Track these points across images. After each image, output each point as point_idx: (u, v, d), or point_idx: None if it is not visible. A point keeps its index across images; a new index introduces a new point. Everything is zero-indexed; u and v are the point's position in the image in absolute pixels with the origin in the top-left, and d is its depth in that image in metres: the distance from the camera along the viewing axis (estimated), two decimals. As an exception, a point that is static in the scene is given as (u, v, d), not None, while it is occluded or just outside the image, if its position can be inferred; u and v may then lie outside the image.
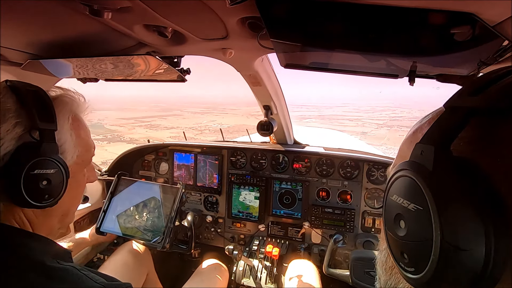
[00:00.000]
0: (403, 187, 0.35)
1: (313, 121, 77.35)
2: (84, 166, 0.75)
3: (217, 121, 73.40)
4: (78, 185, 0.74)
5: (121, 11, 0.68)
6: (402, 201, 0.34)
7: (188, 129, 52.32)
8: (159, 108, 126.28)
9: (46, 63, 0.95)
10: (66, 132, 0.66)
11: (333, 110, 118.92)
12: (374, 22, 0.61)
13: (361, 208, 1.81)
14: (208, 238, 2.10)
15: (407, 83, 0.87)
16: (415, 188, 0.32)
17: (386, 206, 0.38)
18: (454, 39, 0.59)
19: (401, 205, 0.34)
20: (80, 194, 0.77)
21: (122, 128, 55.74)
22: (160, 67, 0.98)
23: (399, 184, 0.36)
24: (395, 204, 0.35)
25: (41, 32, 0.81)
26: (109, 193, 1.53)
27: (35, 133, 0.59)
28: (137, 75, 1.12)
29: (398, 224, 0.35)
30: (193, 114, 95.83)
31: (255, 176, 1.94)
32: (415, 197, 0.32)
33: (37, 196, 0.59)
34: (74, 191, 0.71)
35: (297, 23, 0.68)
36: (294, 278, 1.55)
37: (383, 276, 0.43)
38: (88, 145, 0.74)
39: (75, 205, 0.76)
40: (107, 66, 0.98)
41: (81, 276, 0.58)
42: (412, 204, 0.33)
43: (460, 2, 0.49)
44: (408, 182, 0.34)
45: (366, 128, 57.15)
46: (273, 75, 1.46)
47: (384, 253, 0.44)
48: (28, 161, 0.57)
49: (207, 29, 0.84)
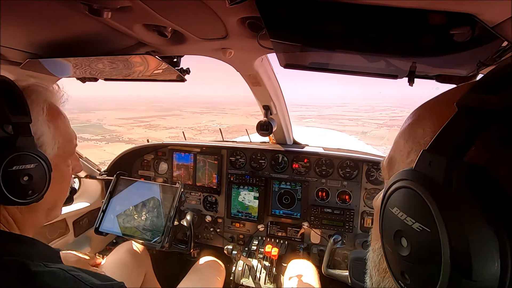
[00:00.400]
0: (407, 201, 0.31)
1: (312, 121, 77.17)
2: (67, 157, 0.72)
3: (217, 121, 73.36)
4: (62, 177, 0.71)
5: (120, 11, 0.68)
6: (404, 217, 0.30)
7: (187, 129, 52.26)
8: (158, 108, 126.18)
9: (45, 63, 0.95)
10: (43, 124, 0.63)
11: (333, 109, 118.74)
12: (374, 22, 0.61)
13: (360, 208, 1.81)
14: (207, 238, 2.10)
15: (407, 83, 0.87)
16: (422, 205, 0.28)
17: (385, 217, 0.34)
18: (453, 40, 0.59)
19: (403, 221, 0.30)
20: (66, 187, 0.74)
21: (121, 128, 55.65)
22: (160, 67, 0.98)
23: (402, 197, 0.32)
24: (396, 218, 0.31)
25: (41, 31, 0.81)
26: (108, 193, 1.53)
27: (8, 127, 0.57)
28: (136, 74, 1.11)
29: (399, 241, 0.31)
30: (192, 114, 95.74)
31: (254, 176, 1.94)
32: (421, 216, 0.28)
33: (19, 193, 0.58)
34: (59, 184, 0.69)
35: (297, 23, 0.68)
36: (293, 278, 1.55)
37: (376, 276, 0.41)
38: (69, 135, 0.71)
39: (61, 198, 0.74)
40: (107, 66, 0.98)
41: (69, 278, 0.55)
42: (417, 223, 0.29)
43: (459, 3, 0.49)
44: (413, 197, 0.30)
45: (366, 128, 57.06)
46: (273, 75, 1.46)
47: (377, 253, 0.41)
48: (4, 158, 0.55)
49: (206, 29, 0.84)
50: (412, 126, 0.39)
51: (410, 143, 0.38)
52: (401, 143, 0.40)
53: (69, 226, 1.77)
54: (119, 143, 37.67)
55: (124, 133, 49.37)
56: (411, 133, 0.38)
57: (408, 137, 0.39)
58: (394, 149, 0.41)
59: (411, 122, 0.40)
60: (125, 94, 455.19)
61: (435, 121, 0.36)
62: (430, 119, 0.36)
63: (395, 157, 0.41)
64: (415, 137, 0.37)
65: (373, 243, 0.44)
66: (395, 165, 0.40)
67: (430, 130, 0.35)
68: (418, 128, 0.37)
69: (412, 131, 0.38)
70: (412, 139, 0.37)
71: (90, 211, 1.91)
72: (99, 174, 1.93)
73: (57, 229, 1.70)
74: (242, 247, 1.93)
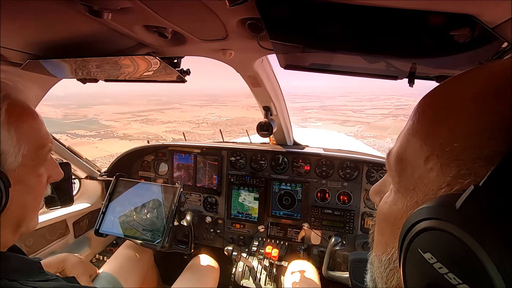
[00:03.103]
0: (451, 254, 0.23)
1: (314, 112, 76.34)
2: (37, 166, 0.60)
3: (216, 114, 72.92)
4: (29, 190, 0.59)
5: (121, 12, 0.68)
6: (445, 272, 0.23)
7: (185, 123, 51.81)
8: (158, 101, 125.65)
9: (46, 64, 0.95)
10: (1, 127, 0.52)
11: (335, 99, 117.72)
12: (374, 23, 0.61)
13: (360, 209, 1.81)
14: (208, 239, 2.10)
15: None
16: (477, 268, 0.21)
17: (410, 256, 0.27)
18: (453, 41, 0.59)
19: (443, 276, 0.23)
20: (36, 200, 0.62)
21: (117, 123, 55.27)
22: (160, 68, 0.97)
23: (442, 245, 0.24)
24: (431, 269, 0.24)
25: (41, 32, 0.81)
26: (108, 195, 1.53)
27: None
28: (136, 75, 1.11)
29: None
30: (192, 107, 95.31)
31: (254, 177, 1.94)
32: (475, 280, 0.22)
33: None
34: (24, 198, 0.58)
35: (297, 24, 0.68)
36: (294, 279, 1.55)
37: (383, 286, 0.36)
38: (39, 140, 0.60)
39: (30, 212, 0.62)
40: (107, 67, 0.98)
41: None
42: (466, 285, 0.22)
43: (459, 4, 0.49)
44: (463, 252, 0.22)
45: (370, 118, 56.13)
46: (273, 76, 1.46)
47: (385, 266, 0.35)
48: None
49: (207, 30, 0.84)
50: (430, 122, 0.31)
51: (429, 145, 0.30)
52: (415, 142, 0.32)
53: (69, 227, 1.77)
54: (113, 139, 37.30)
55: (120, 128, 49.03)
56: (430, 132, 0.30)
57: (426, 136, 0.31)
58: (405, 147, 0.34)
59: (431, 116, 0.31)
60: (125, 89, 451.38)
61: (468, 123, 0.27)
62: (460, 119, 0.28)
63: (407, 157, 0.33)
64: (437, 138, 0.29)
65: (378, 251, 0.38)
66: (408, 167, 0.33)
67: (462, 136, 0.27)
68: (441, 127, 0.29)
69: (432, 130, 0.30)
70: (432, 139, 0.30)
71: (90, 212, 1.91)
72: (99, 175, 1.93)
73: (57, 230, 1.70)
74: (242, 248, 1.93)
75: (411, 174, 0.32)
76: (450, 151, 0.28)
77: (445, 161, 0.28)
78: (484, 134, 0.25)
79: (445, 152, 0.28)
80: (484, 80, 0.29)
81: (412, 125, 0.33)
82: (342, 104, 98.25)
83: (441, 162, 0.28)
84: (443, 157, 0.28)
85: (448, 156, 0.27)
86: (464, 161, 0.26)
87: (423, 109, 0.33)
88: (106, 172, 1.99)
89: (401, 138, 0.35)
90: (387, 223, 0.36)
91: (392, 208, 0.35)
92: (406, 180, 0.33)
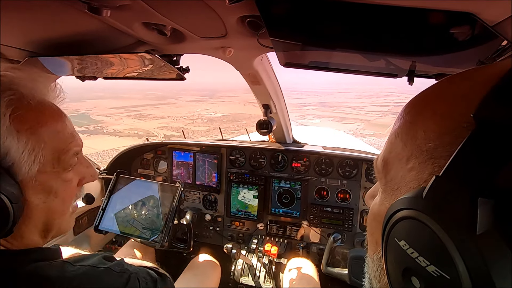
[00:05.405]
0: (419, 237, 0.26)
1: (312, 109, 75.85)
2: (61, 172, 0.55)
3: (212, 109, 72.15)
4: (55, 196, 0.54)
5: (120, 9, 0.67)
6: (416, 255, 0.26)
7: (180, 118, 51.00)
8: (153, 96, 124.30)
9: (44, 61, 0.95)
10: (7, 135, 0.46)
11: (334, 96, 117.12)
12: (374, 21, 0.61)
13: (359, 207, 1.82)
14: (207, 237, 2.10)
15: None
16: (439, 247, 0.23)
17: (390, 248, 0.30)
18: (453, 38, 0.59)
19: (414, 260, 0.26)
20: (64, 204, 0.58)
21: (109, 119, 54.30)
22: (159, 65, 0.97)
23: (412, 230, 0.27)
24: (405, 254, 0.27)
25: (40, 29, 0.81)
26: (108, 192, 1.53)
27: None
28: (135, 73, 1.11)
29: (409, 279, 0.27)
30: (187, 102, 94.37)
31: (254, 175, 1.94)
32: (438, 259, 0.24)
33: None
34: (49, 204, 0.54)
35: (297, 22, 0.68)
36: (293, 277, 1.56)
37: (378, 285, 0.38)
38: (60, 145, 0.54)
39: (59, 216, 0.58)
40: (106, 64, 0.98)
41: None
42: (433, 266, 0.24)
43: (459, 2, 0.49)
44: (427, 234, 0.25)
45: (369, 116, 55.78)
46: (273, 74, 1.46)
47: (377, 265, 0.38)
48: None
49: (206, 28, 0.84)
50: (410, 125, 0.34)
51: (409, 147, 0.32)
52: (398, 144, 0.34)
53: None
54: (102, 135, 36.46)
55: (111, 123, 47.99)
56: (410, 134, 0.33)
57: (406, 139, 0.33)
58: (389, 149, 0.36)
59: (409, 120, 0.34)
60: (121, 82, 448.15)
61: (440, 124, 0.30)
62: (433, 121, 0.31)
63: (391, 160, 0.36)
64: (415, 140, 0.32)
65: (371, 251, 0.40)
66: (392, 169, 0.35)
67: (434, 135, 0.30)
68: (418, 129, 0.32)
69: (411, 132, 0.33)
70: (412, 141, 0.32)
71: (90, 209, 1.91)
72: (98, 173, 1.93)
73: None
74: (242, 246, 1.93)
75: (395, 175, 0.35)
76: (426, 150, 0.30)
77: (422, 160, 0.30)
78: (452, 133, 0.28)
79: (422, 152, 0.31)
80: (457, 86, 0.32)
81: (396, 129, 0.36)
82: (341, 100, 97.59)
83: (419, 161, 0.31)
84: (420, 157, 0.31)
85: (425, 155, 0.30)
86: (437, 158, 0.29)
87: (403, 115, 0.36)
88: (105, 170, 1.99)
89: (387, 142, 0.38)
90: (377, 223, 0.37)
91: (380, 208, 0.37)
92: (391, 181, 0.35)
